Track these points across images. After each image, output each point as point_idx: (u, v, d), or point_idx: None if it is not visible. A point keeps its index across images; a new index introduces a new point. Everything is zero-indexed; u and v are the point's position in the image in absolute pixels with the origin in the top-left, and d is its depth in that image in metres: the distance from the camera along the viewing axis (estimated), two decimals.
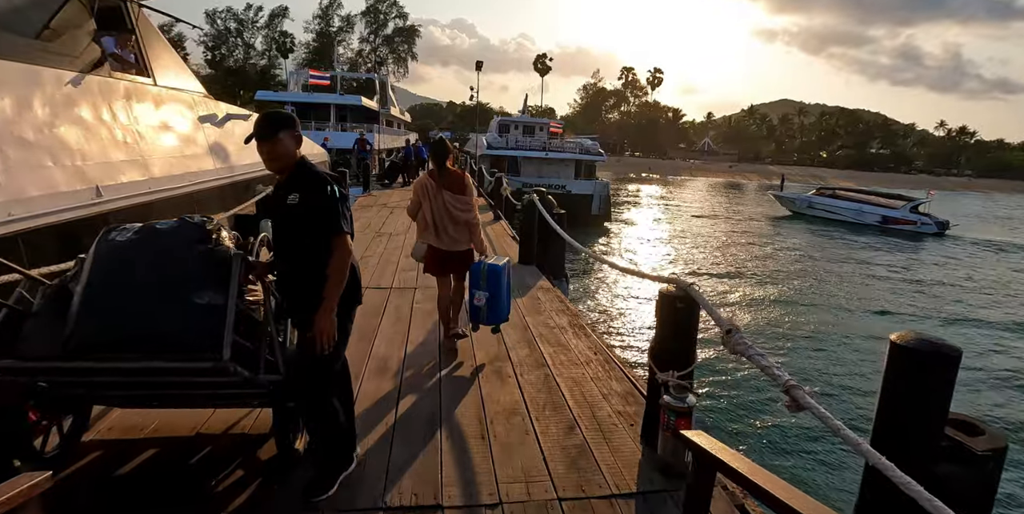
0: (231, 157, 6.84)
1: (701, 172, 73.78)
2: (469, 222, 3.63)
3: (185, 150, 5.78)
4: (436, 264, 3.70)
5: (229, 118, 7.18)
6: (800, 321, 11.21)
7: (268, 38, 68.33)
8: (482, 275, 3.56)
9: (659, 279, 2.59)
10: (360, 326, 4.09)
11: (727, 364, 8.27)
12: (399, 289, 5.23)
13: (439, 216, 3.56)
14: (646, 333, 9.79)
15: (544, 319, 4.50)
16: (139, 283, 1.72)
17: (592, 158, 28.11)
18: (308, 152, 10.71)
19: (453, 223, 3.58)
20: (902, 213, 24.88)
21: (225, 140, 6.86)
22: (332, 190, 1.97)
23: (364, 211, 10.66)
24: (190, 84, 6.56)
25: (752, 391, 7.55)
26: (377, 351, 3.69)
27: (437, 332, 4.08)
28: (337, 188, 2.00)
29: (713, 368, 8.19)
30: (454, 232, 3.60)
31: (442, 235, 3.60)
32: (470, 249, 3.71)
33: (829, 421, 1.62)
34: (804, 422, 6.51)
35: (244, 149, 7.51)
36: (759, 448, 6.21)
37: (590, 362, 3.63)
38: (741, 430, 6.60)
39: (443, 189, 3.56)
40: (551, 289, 5.44)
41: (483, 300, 3.57)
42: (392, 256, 6.62)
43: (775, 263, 17.32)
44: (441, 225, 3.58)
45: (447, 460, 2.43)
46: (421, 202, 3.61)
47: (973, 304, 13.53)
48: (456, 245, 3.63)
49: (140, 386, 1.92)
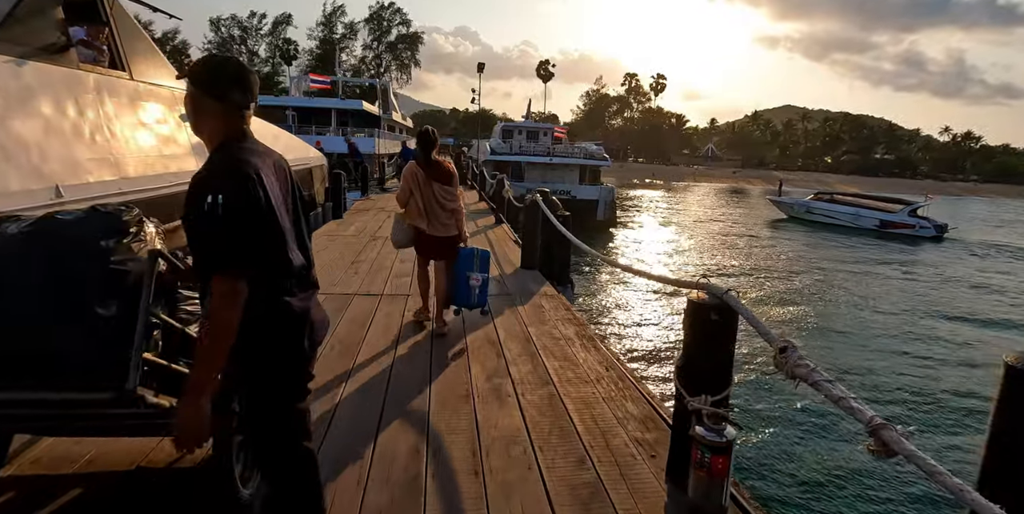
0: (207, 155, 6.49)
1: (705, 178, 73.35)
2: (455, 210, 3.84)
3: (164, 149, 5.42)
4: (426, 248, 3.93)
5: None
6: (827, 326, 10.71)
7: (272, 45, 68.68)
8: (475, 258, 3.82)
9: (687, 285, 2.18)
10: (344, 339, 3.70)
11: (761, 385, 7.39)
12: (391, 296, 4.83)
13: (429, 204, 3.75)
14: (661, 345, 9.26)
15: (548, 329, 4.09)
16: (25, 287, 1.33)
17: (597, 163, 27.78)
18: (304, 155, 10.34)
19: (443, 210, 3.78)
20: (900, 217, 24.83)
21: None
22: (212, 202, 1.22)
23: (360, 215, 10.30)
24: (173, 81, 6.22)
25: (793, 425, 6.29)
26: (360, 369, 3.28)
27: (428, 345, 3.67)
28: (226, 198, 1.23)
29: (743, 391, 7.15)
30: (444, 219, 3.80)
31: (433, 222, 3.79)
32: (456, 235, 3.90)
33: (935, 472, 1.21)
34: (875, 466, 5.13)
35: None
36: (807, 488, 4.99)
37: (601, 379, 3.21)
38: (784, 468, 5.32)
39: (432, 180, 3.75)
40: (556, 296, 5.04)
41: (480, 281, 3.81)
42: (386, 261, 6.23)
43: (777, 264, 17.21)
44: (432, 213, 3.77)
45: (432, 505, 2.02)
46: (412, 191, 3.76)
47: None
48: (446, 231, 3.84)
49: (31, 418, 1.52)
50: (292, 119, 27.20)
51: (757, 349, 8.10)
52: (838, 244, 21.73)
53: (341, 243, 7.33)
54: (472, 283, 3.78)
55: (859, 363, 8.70)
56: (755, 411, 6.64)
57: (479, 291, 3.81)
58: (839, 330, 10.46)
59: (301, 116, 27.93)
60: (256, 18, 68.12)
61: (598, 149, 28.84)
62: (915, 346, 9.79)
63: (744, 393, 7.13)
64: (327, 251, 6.68)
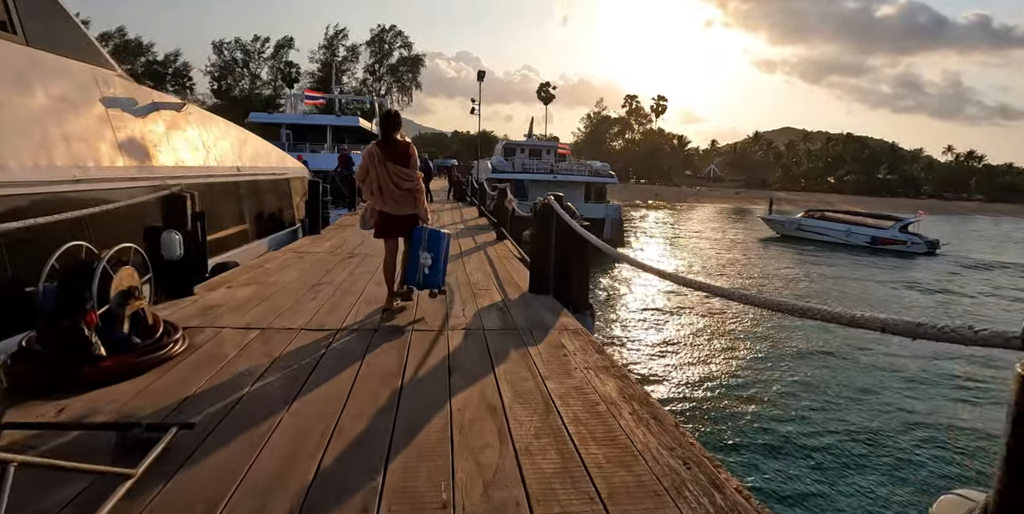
0: (150, 155, 5.23)
1: (708, 199, 72.49)
2: (412, 189, 3.87)
3: (71, 136, 4.17)
4: (383, 226, 3.97)
5: (156, 108, 5.59)
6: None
7: (274, 68, 68.75)
8: (424, 237, 3.85)
9: (994, 343, 0.84)
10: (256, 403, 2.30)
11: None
12: (349, 333, 3.46)
13: (384, 183, 3.78)
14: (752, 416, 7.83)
15: (577, 385, 2.72)
16: None
17: (603, 180, 26.74)
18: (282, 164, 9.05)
19: (398, 189, 3.82)
20: (891, 233, 25.16)
21: (144, 132, 5.27)
22: None
23: (340, 231, 8.97)
24: (93, 56, 5.02)
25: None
26: (262, 471, 1.89)
27: (390, 419, 2.30)
28: None
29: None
30: (398, 198, 3.85)
31: (388, 200, 3.86)
32: (414, 214, 3.94)
33: None
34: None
35: (175, 148, 5.92)
36: None
37: (683, 488, 1.83)
38: None
39: (387, 160, 3.78)
40: (581, 332, 3.66)
41: (428, 260, 3.81)
42: (356, 284, 4.87)
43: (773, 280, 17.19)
44: (388, 191, 3.81)
45: None
46: (369, 169, 3.82)
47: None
48: (401, 209, 3.89)
49: None
50: (287, 137, 26.26)
51: None
52: (833, 260, 21.88)
53: (308, 262, 5.99)
54: (422, 262, 3.79)
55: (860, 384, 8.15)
56: None
57: (428, 271, 3.81)
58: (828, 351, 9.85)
59: (297, 134, 27.00)
60: (259, 42, 68.41)
61: (603, 166, 27.78)
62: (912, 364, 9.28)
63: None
64: (285, 272, 5.33)
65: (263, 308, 3.88)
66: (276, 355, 2.97)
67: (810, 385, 8.30)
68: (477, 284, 5.00)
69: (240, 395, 2.45)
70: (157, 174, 5.21)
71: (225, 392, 2.48)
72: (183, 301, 4.00)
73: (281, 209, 9.00)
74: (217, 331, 3.36)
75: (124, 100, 5.15)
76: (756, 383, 8.33)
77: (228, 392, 2.48)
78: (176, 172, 5.61)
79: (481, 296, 4.53)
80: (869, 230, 25.72)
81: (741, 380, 8.44)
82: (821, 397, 7.83)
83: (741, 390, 8.05)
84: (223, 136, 7.35)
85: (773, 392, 7.95)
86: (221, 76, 66.48)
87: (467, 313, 4.00)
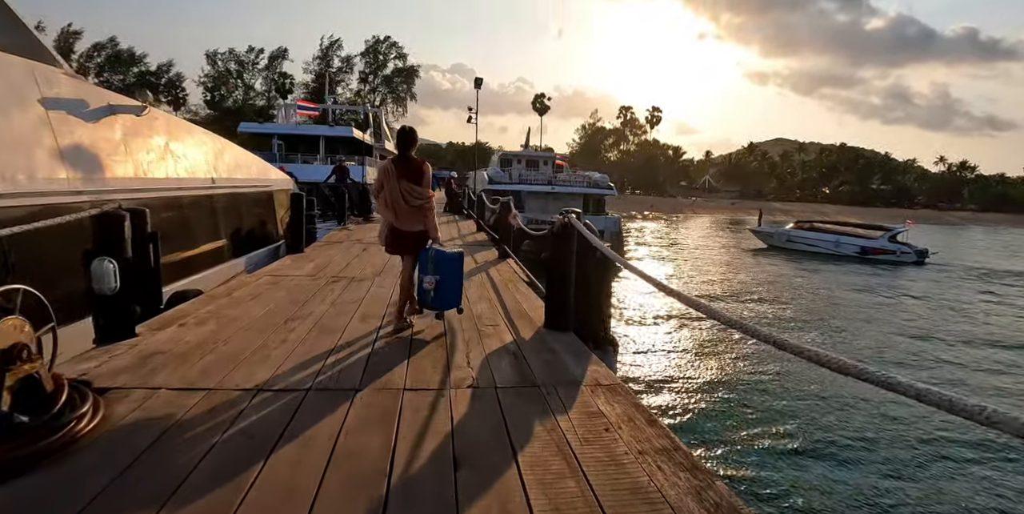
0: (102, 166, 4.48)
1: (703, 209, 72.17)
2: (422, 207, 3.84)
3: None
4: (394, 241, 3.93)
5: (112, 111, 4.84)
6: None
7: (268, 79, 68.21)
8: (429, 260, 3.78)
9: None
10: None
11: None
12: (321, 395, 2.69)
13: (395, 199, 3.78)
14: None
15: (635, 485, 1.94)
16: None
17: (601, 192, 26.10)
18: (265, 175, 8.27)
19: (408, 206, 3.80)
20: (880, 243, 25.12)
21: (95, 139, 4.51)
22: None
23: (327, 249, 8.16)
24: (32, 50, 4.28)
25: None
26: None
27: None
28: None
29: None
30: (409, 214, 3.83)
31: (400, 216, 3.83)
32: (424, 230, 3.91)
33: None
34: None
35: (134, 158, 5.17)
36: None
37: None
38: None
39: (401, 177, 3.77)
40: (619, 390, 2.87)
41: (433, 283, 3.74)
42: (337, 318, 4.09)
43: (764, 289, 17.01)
44: (399, 207, 3.80)
45: None
46: (384, 184, 3.80)
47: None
48: (411, 226, 3.87)
49: None
50: (278, 147, 25.50)
51: None
52: (825, 270, 21.72)
53: (284, 288, 5.19)
54: (425, 286, 3.76)
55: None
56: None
57: (435, 294, 3.76)
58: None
59: (289, 144, 26.24)
60: (253, 53, 67.92)
61: (602, 177, 27.15)
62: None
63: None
64: (255, 303, 4.52)
65: (216, 357, 3.09)
66: (217, 437, 2.18)
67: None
68: (482, 318, 4.23)
69: (157, 508, 1.68)
70: (109, 187, 4.46)
71: (137, 501, 1.71)
72: (119, 346, 3.21)
73: (263, 224, 8.22)
74: (149, 393, 2.58)
75: (70, 101, 4.39)
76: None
77: (141, 501, 1.71)
78: (133, 185, 4.85)
79: (488, 336, 3.76)
80: (858, 240, 25.68)
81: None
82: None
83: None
84: (196, 145, 6.59)
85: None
86: (214, 87, 65.86)
87: (472, 360, 3.23)
